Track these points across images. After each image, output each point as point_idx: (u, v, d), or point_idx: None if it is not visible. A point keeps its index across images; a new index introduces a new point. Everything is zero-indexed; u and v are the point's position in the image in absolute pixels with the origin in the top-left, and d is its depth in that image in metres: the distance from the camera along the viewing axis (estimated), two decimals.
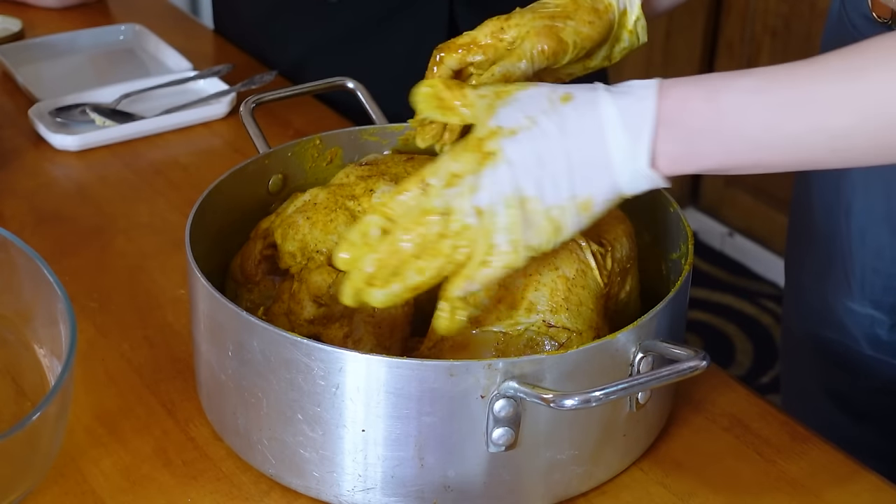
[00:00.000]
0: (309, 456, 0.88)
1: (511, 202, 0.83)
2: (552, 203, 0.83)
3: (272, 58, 1.57)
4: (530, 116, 0.84)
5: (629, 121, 0.82)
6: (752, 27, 2.69)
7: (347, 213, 0.98)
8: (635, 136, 0.82)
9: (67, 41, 1.60)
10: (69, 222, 1.25)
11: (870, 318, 1.18)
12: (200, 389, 0.98)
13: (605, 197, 0.84)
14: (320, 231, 0.97)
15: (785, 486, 0.93)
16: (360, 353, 0.84)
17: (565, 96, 0.85)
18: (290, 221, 0.99)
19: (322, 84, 1.16)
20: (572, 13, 0.97)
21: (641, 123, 0.82)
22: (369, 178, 1.00)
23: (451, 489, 0.87)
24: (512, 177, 0.83)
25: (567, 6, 0.97)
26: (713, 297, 2.75)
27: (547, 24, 0.96)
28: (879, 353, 1.19)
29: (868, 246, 1.16)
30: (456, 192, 0.84)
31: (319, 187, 1.01)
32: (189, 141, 1.40)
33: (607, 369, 0.86)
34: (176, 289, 1.14)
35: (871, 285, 1.17)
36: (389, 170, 1.01)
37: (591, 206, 0.84)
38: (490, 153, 0.84)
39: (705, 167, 0.83)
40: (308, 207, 0.99)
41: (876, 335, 1.19)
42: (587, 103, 0.84)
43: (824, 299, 1.22)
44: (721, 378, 1.03)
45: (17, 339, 0.97)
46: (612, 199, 0.84)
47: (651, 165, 0.82)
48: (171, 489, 0.92)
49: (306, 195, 1.00)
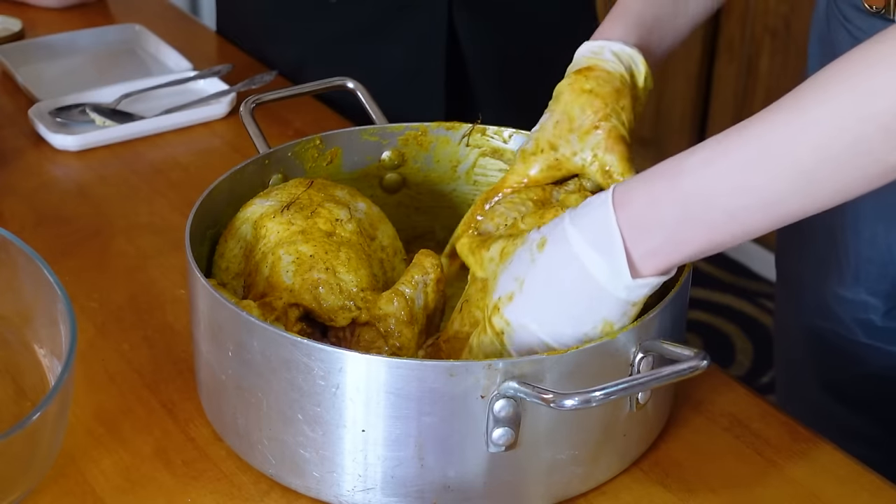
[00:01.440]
0: (309, 456, 0.88)
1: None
2: (572, 344, 0.86)
3: (272, 58, 1.57)
4: (518, 278, 0.88)
5: (598, 243, 0.84)
6: (752, 27, 2.69)
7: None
8: (609, 255, 0.83)
9: (67, 41, 1.60)
10: (69, 222, 1.25)
11: (864, 305, 1.18)
12: (200, 389, 0.98)
13: (618, 314, 0.85)
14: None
15: (785, 486, 0.93)
16: (360, 353, 0.84)
17: (540, 243, 0.87)
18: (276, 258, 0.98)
19: (322, 84, 1.16)
20: (602, 108, 0.98)
21: (610, 241, 0.83)
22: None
23: (451, 489, 0.87)
24: (524, 339, 0.87)
25: (595, 106, 0.98)
26: (713, 297, 2.75)
27: (609, 140, 0.98)
28: (873, 339, 1.20)
29: (861, 235, 1.16)
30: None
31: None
32: (189, 141, 1.40)
33: (607, 369, 0.86)
34: (176, 289, 1.14)
35: (866, 273, 1.17)
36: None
37: (612, 326, 0.86)
38: (500, 332, 0.88)
39: (694, 252, 0.83)
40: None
41: (870, 321, 1.19)
42: (558, 242, 0.86)
43: (818, 289, 1.23)
44: (721, 378, 1.03)
45: (17, 339, 0.97)
46: (626, 311, 0.85)
47: (636, 274, 0.83)
48: (171, 489, 0.92)
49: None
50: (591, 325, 0.86)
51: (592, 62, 1.00)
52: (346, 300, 0.94)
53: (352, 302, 0.94)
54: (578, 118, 0.98)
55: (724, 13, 2.75)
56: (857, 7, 1.10)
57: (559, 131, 0.99)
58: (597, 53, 1.00)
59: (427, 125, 1.11)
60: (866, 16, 1.10)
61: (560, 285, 0.86)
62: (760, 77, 2.70)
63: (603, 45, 1.00)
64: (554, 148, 0.99)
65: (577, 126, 0.98)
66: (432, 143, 1.11)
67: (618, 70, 0.99)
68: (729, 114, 2.79)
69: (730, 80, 2.78)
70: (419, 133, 1.11)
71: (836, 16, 1.14)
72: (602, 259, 0.83)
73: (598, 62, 1.00)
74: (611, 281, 0.84)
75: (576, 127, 0.98)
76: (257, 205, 1.00)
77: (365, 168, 1.11)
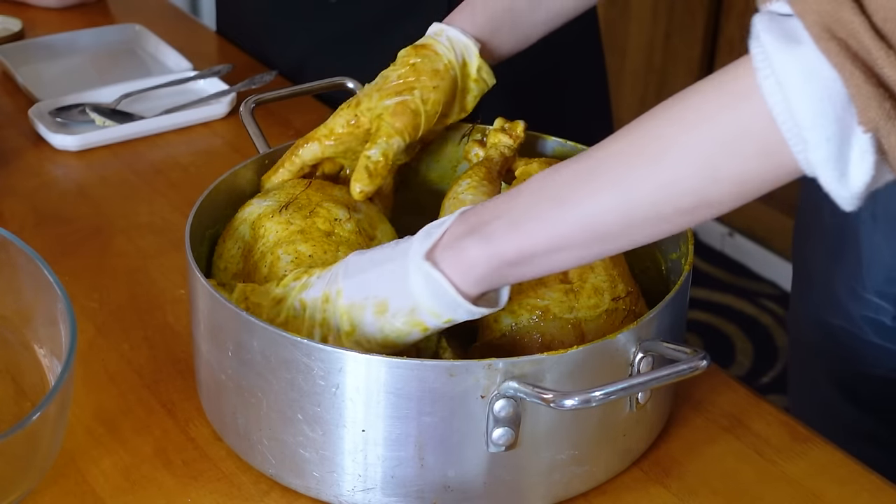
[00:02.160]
0: (309, 456, 0.88)
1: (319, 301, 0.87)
2: (350, 300, 0.86)
3: (272, 58, 1.57)
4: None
5: (431, 229, 0.85)
6: None
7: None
8: (427, 236, 0.84)
9: (67, 41, 1.60)
10: (69, 222, 1.25)
11: (874, 306, 1.19)
12: (200, 389, 0.98)
13: (400, 304, 0.84)
14: None
15: (785, 486, 0.93)
16: (360, 353, 0.84)
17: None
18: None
19: (322, 84, 1.16)
20: (415, 83, 1.02)
21: (438, 230, 0.84)
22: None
23: (451, 489, 0.87)
24: (336, 272, 0.88)
25: (407, 77, 1.02)
26: (713, 297, 2.75)
27: (396, 102, 1.01)
28: (884, 340, 1.20)
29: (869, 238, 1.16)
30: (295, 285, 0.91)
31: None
32: (189, 141, 1.40)
33: (607, 369, 0.86)
34: (176, 289, 1.14)
35: (875, 276, 1.17)
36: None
37: (386, 309, 0.85)
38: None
39: (502, 257, 0.81)
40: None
41: (881, 322, 1.19)
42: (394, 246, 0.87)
43: (830, 285, 1.23)
44: (721, 378, 1.03)
45: (17, 339, 0.97)
46: (406, 310, 0.84)
47: (444, 266, 0.82)
48: (171, 489, 0.92)
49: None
50: (374, 295, 0.85)
51: (429, 41, 1.04)
52: None
53: None
54: (390, 81, 1.03)
55: (723, 13, 2.75)
56: None
57: (369, 89, 1.03)
58: (436, 34, 1.05)
59: None
60: None
61: (390, 248, 0.86)
62: None
63: (443, 29, 1.05)
64: (358, 103, 1.03)
65: (385, 87, 1.02)
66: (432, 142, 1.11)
67: (447, 56, 1.03)
68: None
69: None
70: None
71: None
72: (423, 235, 0.84)
73: (433, 43, 1.04)
74: (413, 252, 0.83)
75: (384, 88, 1.02)
76: (255, 205, 1.00)
77: None
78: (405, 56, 1.04)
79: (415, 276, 0.83)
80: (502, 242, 0.80)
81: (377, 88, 1.03)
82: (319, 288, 0.88)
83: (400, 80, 1.02)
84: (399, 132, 1.01)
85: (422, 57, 1.03)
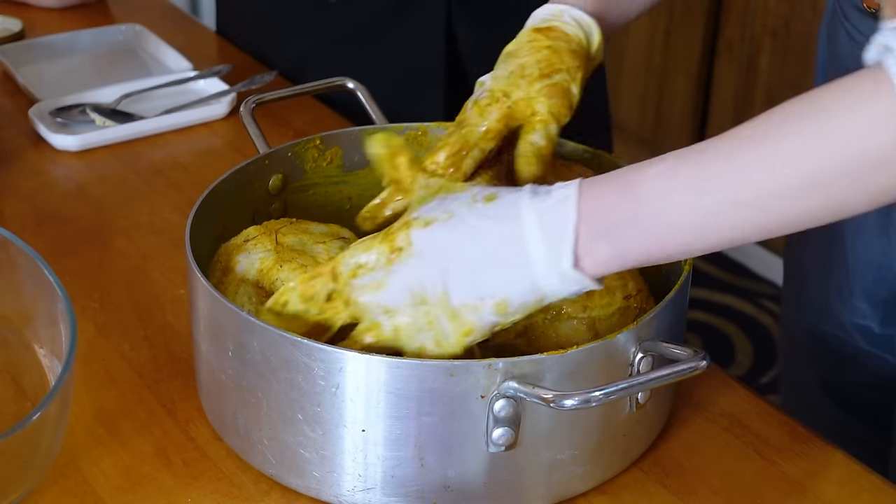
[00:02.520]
0: (309, 456, 0.88)
1: (416, 298, 0.84)
2: (460, 302, 0.83)
3: (272, 58, 1.57)
4: (448, 210, 0.85)
5: (549, 224, 0.81)
6: (752, 27, 2.69)
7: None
8: (556, 239, 0.81)
9: (67, 41, 1.60)
10: (69, 222, 1.25)
11: (862, 312, 1.19)
12: (200, 389, 0.98)
13: (522, 299, 0.83)
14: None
15: (785, 486, 0.93)
16: (360, 353, 0.84)
17: (489, 196, 0.85)
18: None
19: (322, 84, 1.16)
20: (559, 64, 0.98)
21: (562, 227, 0.81)
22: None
23: (451, 489, 0.87)
24: (418, 271, 0.84)
25: (550, 59, 0.98)
26: (713, 297, 2.75)
27: (547, 84, 0.97)
28: (873, 347, 1.20)
29: (859, 236, 1.16)
30: (360, 284, 0.85)
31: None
32: (189, 141, 1.40)
33: (607, 369, 0.86)
34: (176, 289, 1.14)
35: (863, 277, 1.17)
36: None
37: (507, 306, 0.83)
38: (399, 248, 0.84)
39: (633, 260, 0.82)
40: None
41: (869, 328, 1.19)
42: (508, 205, 0.83)
43: (822, 293, 1.23)
44: (721, 378, 1.03)
45: (17, 339, 0.97)
46: (530, 301, 0.83)
47: (575, 266, 0.81)
48: (171, 489, 0.92)
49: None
50: (489, 295, 0.83)
51: (552, 23, 1.00)
52: None
53: None
54: (531, 68, 0.98)
55: (724, 13, 2.75)
56: (857, 7, 1.11)
57: (513, 79, 0.98)
58: (556, 16, 1.00)
59: (427, 125, 1.11)
60: (863, 16, 1.10)
61: (487, 238, 0.83)
62: (760, 77, 2.70)
63: (563, 10, 1.00)
64: (507, 95, 0.97)
65: (528, 73, 0.97)
66: (432, 143, 1.11)
67: (577, 34, 0.99)
68: (729, 114, 2.79)
69: (730, 80, 2.78)
70: (419, 133, 1.11)
71: (839, 14, 1.15)
72: (545, 240, 0.81)
73: (559, 24, 1.00)
74: (546, 263, 0.81)
75: (527, 74, 0.98)
76: (244, 261, 0.96)
77: (365, 168, 1.11)
78: (535, 41, 0.99)
79: (553, 280, 0.81)
80: (633, 252, 0.81)
81: (519, 76, 0.98)
82: (396, 293, 0.85)
83: (543, 63, 0.98)
84: (556, 115, 0.97)
85: (553, 39, 0.99)
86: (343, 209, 1.12)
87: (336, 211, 1.11)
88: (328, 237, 0.97)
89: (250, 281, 0.94)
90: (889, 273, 1.15)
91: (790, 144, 0.75)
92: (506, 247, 0.82)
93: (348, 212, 1.12)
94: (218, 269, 0.97)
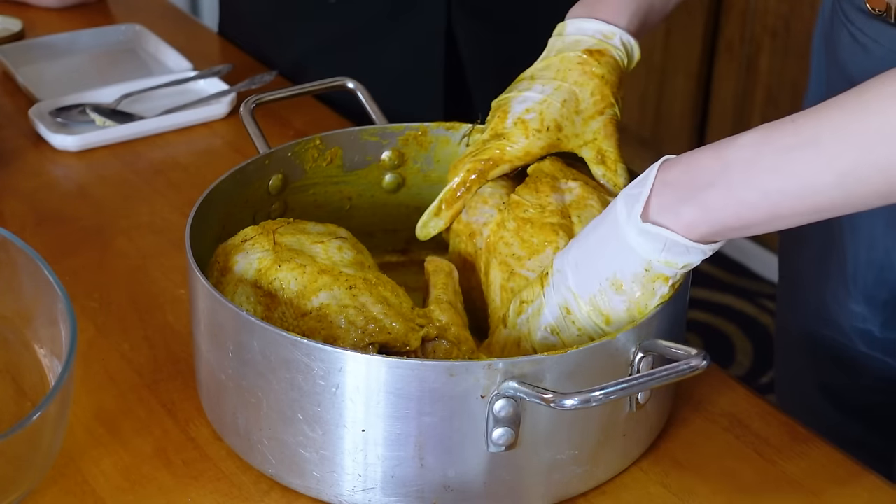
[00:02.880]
0: (309, 456, 0.88)
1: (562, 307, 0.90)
2: (588, 296, 0.88)
3: (272, 58, 1.57)
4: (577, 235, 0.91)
5: (631, 194, 0.86)
6: (752, 27, 2.69)
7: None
8: (634, 201, 0.85)
9: (67, 41, 1.60)
10: (69, 222, 1.25)
11: (862, 316, 1.18)
12: (200, 389, 0.98)
13: (632, 270, 0.86)
14: None
15: (785, 486, 0.93)
16: (360, 353, 0.84)
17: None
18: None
19: (322, 84, 1.16)
20: (611, 97, 1.01)
21: (640, 191, 0.85)
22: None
23: (451, 489, 0.87)
24: (560, 285, 0.89)
25: (602, 91, 1.01)
26: (713, 297, 2.75)
27: (602, 123, 1.01)
28: (873, 350, 1.19)
29: (861, 236, 1.16)
30: (524, 319, 0.92)
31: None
32: (189, 141, 1.40)
33: (607, 369, 0.86)
34: (176, 289, 1.14)
35: (864, 279, 1.17)
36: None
37: (622, 283, 0.86)
38: (546, 275, 0.91)
39: (725, 224, 0.83)
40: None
41: (869, 332, 1.19)
42: (611, 204, 0.89)
43: (820, 296, 1.22)
44: (721, 378, 1.03)
45: (17, 339, 0.97)
46: (639, 271, 0.86)
47: (655, 223, 0.83)
48: (171, 489, 0.92)
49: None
50: (606, 277, 0.86)
51: (603, 46, 1.02)
52: (410, 322, 0.92)
53: (413, 321, 0.92)
54: (585, 101, 1.01)
55: (724, 13, 2.75)
56: (860, 8, 1.10)
57: (567, 111, 1.01)
58: (608, 38, 1.02)
59: (427, 125, 1.11)
60: (868, 18, 1.09)
61: (596, 232, 0.88)
62: (760, 77, 2.70)
63: (615, 32, 1.02)
64: (560, 128, 1.01)
65: (583, 109, 1.01)
66: (432, 143, 1.11)
67: (622, 60, 1.02)
68: (729, 114, 2.79)
69: (730, 80, 2.78)
70: (419, 133, 1.11)
71: (840, 16, 1.14)
72: (626, 206, 0.85)
73: (609, 48, 1.02)
74: (626, 223, 0.85)
75: (582, 109, 1.01)
76: (242, 261, 0.95)
77: (365, 168, 1.11)
78: (586, 64, 1.01)
79: (637, 238, 0.84)
80: (722, 212, 0.82)
81: (574, 111, 1.01)
82: (551, 310, 0.90)
83: (597, 96, 1.01)
84: (618, 152, 1.02)
85: (605, 66, 1.01)
86: (343, 209, 1.12)
87: (336, 211, 1.11)
88: (326, 237, 0.97)
89: (248, 281, 0.94)
90: (891, 274, 1.15)
91: (876, 118, 0.77)
92: (606, 229, 0.87)
93: (348, 212, 1.12)
94: (216, 270, 0.97)
